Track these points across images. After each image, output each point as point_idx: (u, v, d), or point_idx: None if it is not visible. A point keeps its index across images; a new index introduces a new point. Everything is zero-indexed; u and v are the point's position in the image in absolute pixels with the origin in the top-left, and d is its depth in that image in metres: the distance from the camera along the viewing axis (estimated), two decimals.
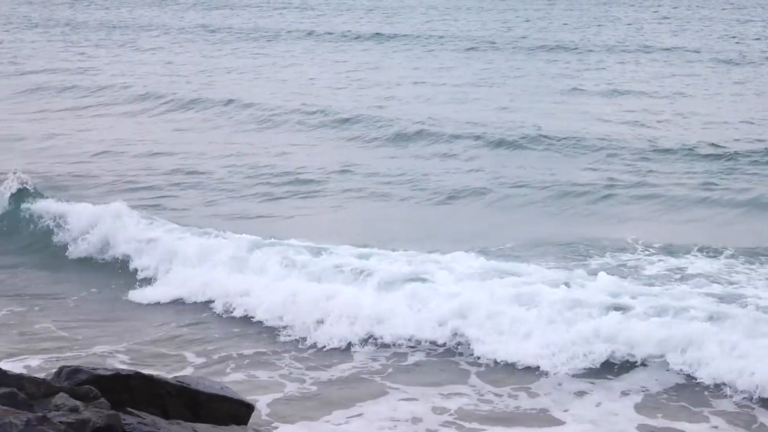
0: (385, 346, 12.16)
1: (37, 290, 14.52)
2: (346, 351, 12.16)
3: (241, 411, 8.37)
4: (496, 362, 11.55)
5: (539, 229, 17.01)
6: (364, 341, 12.22)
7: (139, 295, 14.16)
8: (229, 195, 19.53)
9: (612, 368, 11.34)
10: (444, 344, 12.08)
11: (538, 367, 11.34)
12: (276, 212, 18.36)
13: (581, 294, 12.64)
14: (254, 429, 8.05)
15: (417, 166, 21.55)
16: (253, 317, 13.11)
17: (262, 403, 10.34)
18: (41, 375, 8.56)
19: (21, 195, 17.53)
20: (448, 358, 11.92)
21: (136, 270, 15.17)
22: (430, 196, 19.23)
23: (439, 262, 14.42)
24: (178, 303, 13.93)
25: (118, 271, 15.37)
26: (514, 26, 54.57)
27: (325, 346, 12.17)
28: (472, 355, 11.79)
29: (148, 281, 14.77)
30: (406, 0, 74.59)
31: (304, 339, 12.36)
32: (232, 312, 13.39)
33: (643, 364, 11.29)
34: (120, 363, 11.42)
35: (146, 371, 9.71)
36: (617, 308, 12.17)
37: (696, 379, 10.96)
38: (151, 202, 18.73)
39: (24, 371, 10.57)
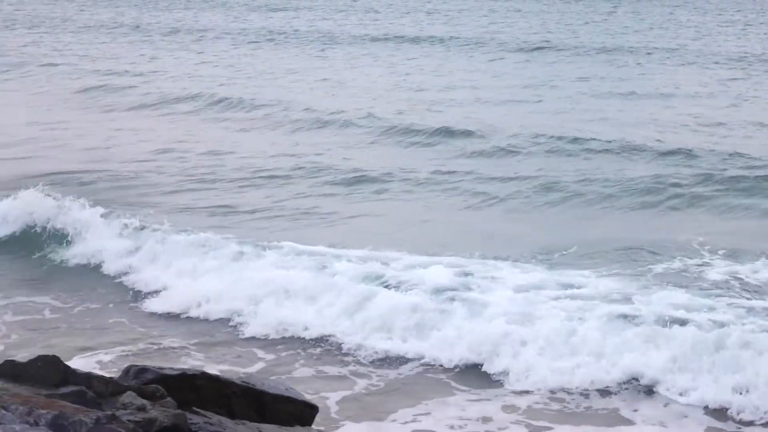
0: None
1: (108, 288, 14.76)
2: None
3: (306, 412, 8.37)
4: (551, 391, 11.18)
5: (601, 232, 16.89)
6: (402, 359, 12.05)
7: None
8: (288, 196, 19.59)
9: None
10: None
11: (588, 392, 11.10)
12: (333, 217, 18.34)
13: (641, 309, 12.34)
14: (318, 430, 8.03)
15: (475, 168, 21.47)
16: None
17: (331, 400, 10.55)
18: (112, 371, 8.67)
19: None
20: None
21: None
22: (487, 198, 19.16)
23: (492, 273, 14.21)
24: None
25: None
26: (575, 29, 54.30)
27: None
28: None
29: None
30: (468, 2, 74.55)
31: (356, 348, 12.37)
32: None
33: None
34: (193, 359, 11.59)
35: (218, 367, 9.86)
36: (676, 321, 11.85)
37: None
38: (215, 202, 18.91)
39: (97, 366, 10.81)
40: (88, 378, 7.11)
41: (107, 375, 7.84)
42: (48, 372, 7.04)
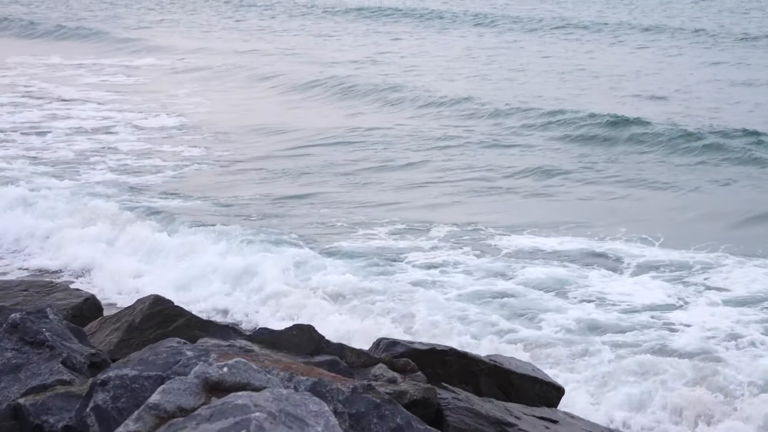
0: None
1: None
2: None
3: (551, 393, 8.29)
4: None
5: None
6: None
7: None
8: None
9: None
10: None
11: None
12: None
13: None
14: (565, 412, 7.92)
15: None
16: None
17: None
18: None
19: None
20: None
21: None
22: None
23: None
24: None
25: None
26: None
27: None
28: None
29: None
30: None
31: None
32: None
33: None
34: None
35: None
36: None
37: None
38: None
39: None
40: (340, 348, 7.23)
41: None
42: (303, 340, 7.20)
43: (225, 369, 5.09)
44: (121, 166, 22.12)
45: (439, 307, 13.11)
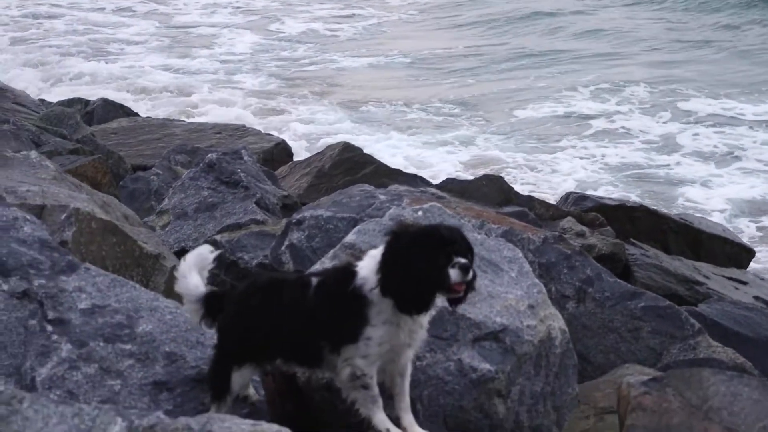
0: None
1: None
2: None
3: (741, 255, 8.14)
4: None
5: None
6: None
7: None
8: None
9: None
10: None
11: None
12: None
13: None
14: (755, 274, 7.77)
15: None
16: None
17: None
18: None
19: None
20: None
21: None
22: None
23: None
24: None
25: None
26: None
27: None
28: None
29: None
30: None
31: None
32: None
33: None
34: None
35: None
36: None
37: None
38: None
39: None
40: (529, 200, 7.24)
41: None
42: (492, 190, 7.23)
43: (420, 213, 5.13)
44: (322, 17, 22.15)
45: (587, 180, 12.77)
